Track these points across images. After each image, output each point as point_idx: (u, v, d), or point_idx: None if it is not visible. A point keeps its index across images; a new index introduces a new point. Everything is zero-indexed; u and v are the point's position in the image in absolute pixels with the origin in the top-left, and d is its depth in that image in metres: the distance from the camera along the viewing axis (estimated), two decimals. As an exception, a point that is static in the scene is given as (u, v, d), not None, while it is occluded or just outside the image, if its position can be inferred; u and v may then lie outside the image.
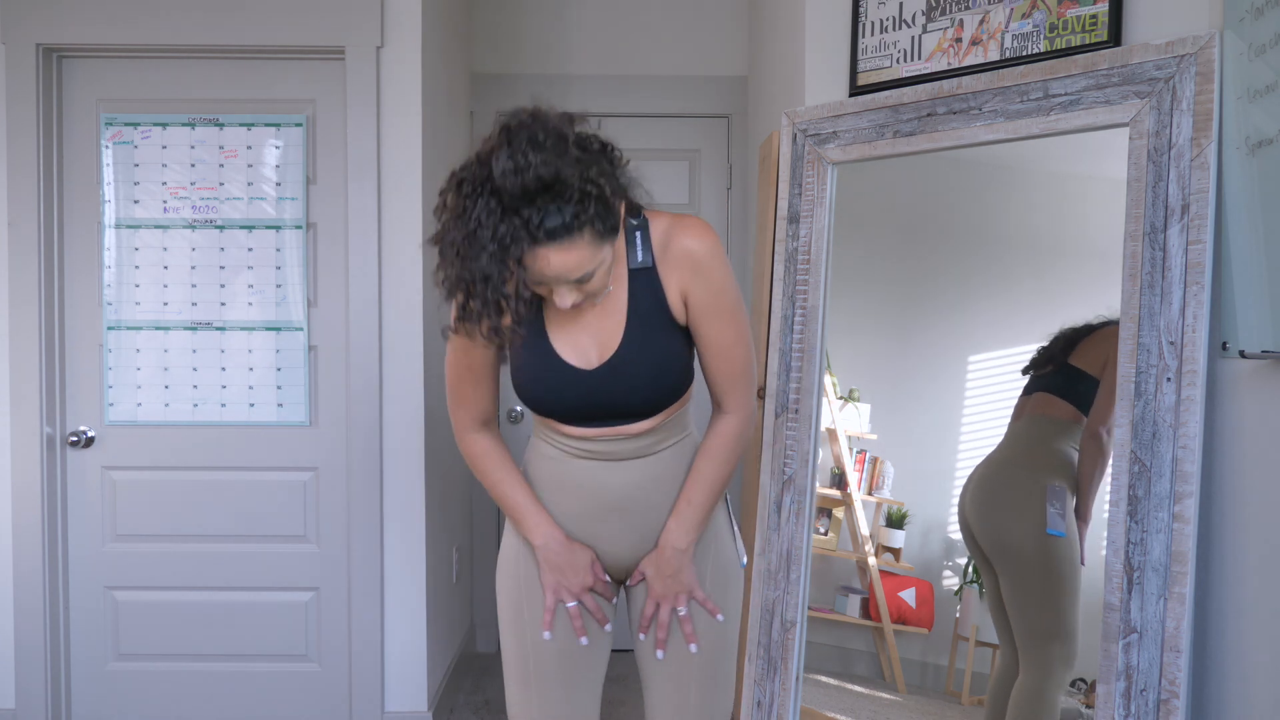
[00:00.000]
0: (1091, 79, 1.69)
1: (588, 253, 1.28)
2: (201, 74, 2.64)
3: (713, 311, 1.44)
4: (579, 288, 1.33)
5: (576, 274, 1.29)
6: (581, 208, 1.25)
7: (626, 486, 1.50)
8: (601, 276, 1.34)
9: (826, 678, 2.12)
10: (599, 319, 1.44)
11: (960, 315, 2.03)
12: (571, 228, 1.25)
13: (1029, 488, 1.82)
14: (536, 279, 1.30)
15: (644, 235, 1.43)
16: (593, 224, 1.27)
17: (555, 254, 1.26)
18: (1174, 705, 1.53)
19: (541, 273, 1.28)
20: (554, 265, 1.27)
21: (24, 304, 2.58)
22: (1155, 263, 1.59)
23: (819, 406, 2.09)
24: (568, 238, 1.25)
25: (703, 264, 1.41)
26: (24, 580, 2.61)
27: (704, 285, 1.42)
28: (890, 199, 2.13)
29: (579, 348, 1.44)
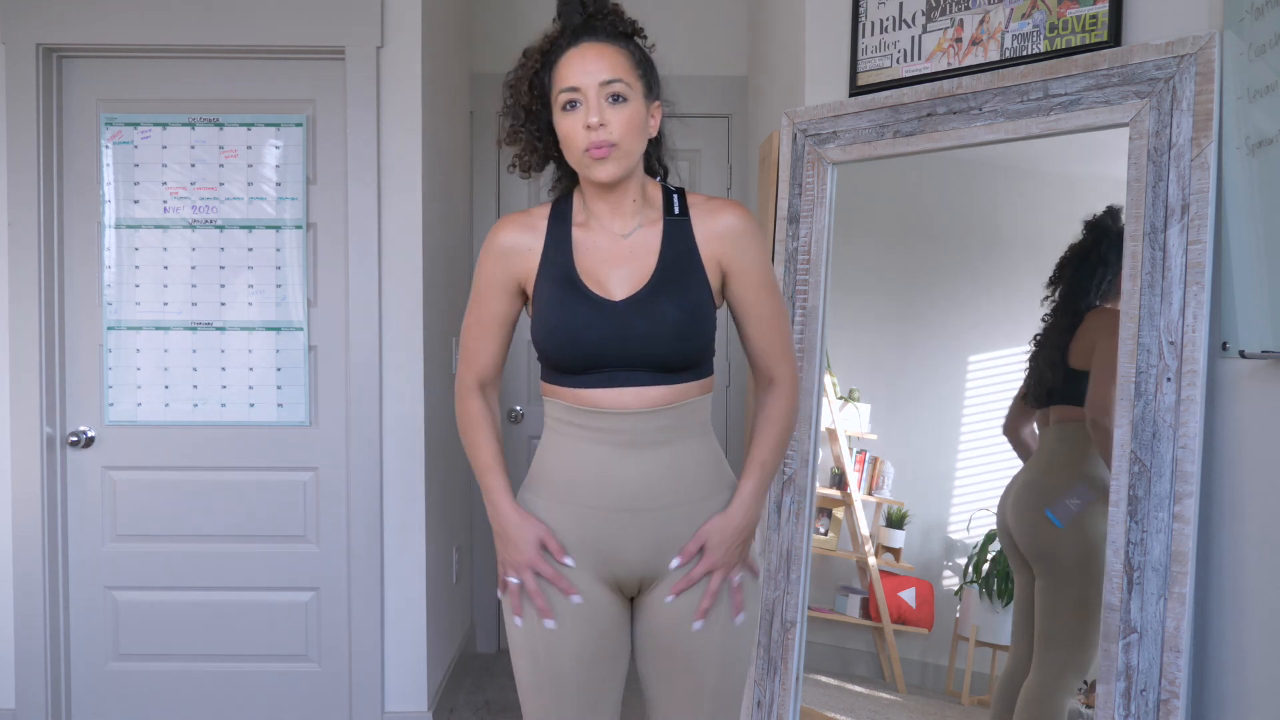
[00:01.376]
0: (1091, 79, 1.69)
1: (622, 63, 1.39)
2: (201, 74, 2.64)
3: (756, 282, 1.46)
4: (607, 109, 1.37)
5: (606, 74, 1.37)
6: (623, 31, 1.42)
7: (641, 481, 1.42)
8: (630, 115, 1.38)
9: (826, 678, 2.12)
10: (629, 258, 1.44)
11: (960, 315, 2.03)
12: (612, 35, 1.41)
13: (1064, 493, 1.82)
14: (569, 83, 1.38)
15: (680, 198, 1.49)
16: (630, 49, 1.41)
17: (591, 49, 1.39)
18: (1174, 705, 1.53)
19: (575, 68, 1.38)
20: (588, 58, 1.38)
21: (24, 304, 2.58)
22: (1155, 263, 1.59)
23: (819, 406, 2.09)
24: (607, 40, 1.40)
25: (743, 236, 1.45)
26: (24, 580, 2.61)
27: (745, 256, 1.45)
28: (890, 199, 2.13)
29: (607, 282, 1.44)
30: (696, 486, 1.46)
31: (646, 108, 1.43)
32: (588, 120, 1.37)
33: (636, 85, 1.40)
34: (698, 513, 1.46)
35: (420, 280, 2.64)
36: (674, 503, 1.44)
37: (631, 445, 1.42)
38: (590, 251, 1.46)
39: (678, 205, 1.48)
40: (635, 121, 1.39)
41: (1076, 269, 1.80)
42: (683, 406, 1.44)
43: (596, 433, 1.43)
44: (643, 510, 1.43)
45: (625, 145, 1.39)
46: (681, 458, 1.44)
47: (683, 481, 1.45)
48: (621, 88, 1.38)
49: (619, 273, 1.44)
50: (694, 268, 1.44)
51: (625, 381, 1.41)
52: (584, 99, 1.38)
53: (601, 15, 1.42)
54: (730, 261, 1.46)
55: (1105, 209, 1.74)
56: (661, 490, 1.44)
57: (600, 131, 1.37)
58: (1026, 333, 1.87)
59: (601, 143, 1.37)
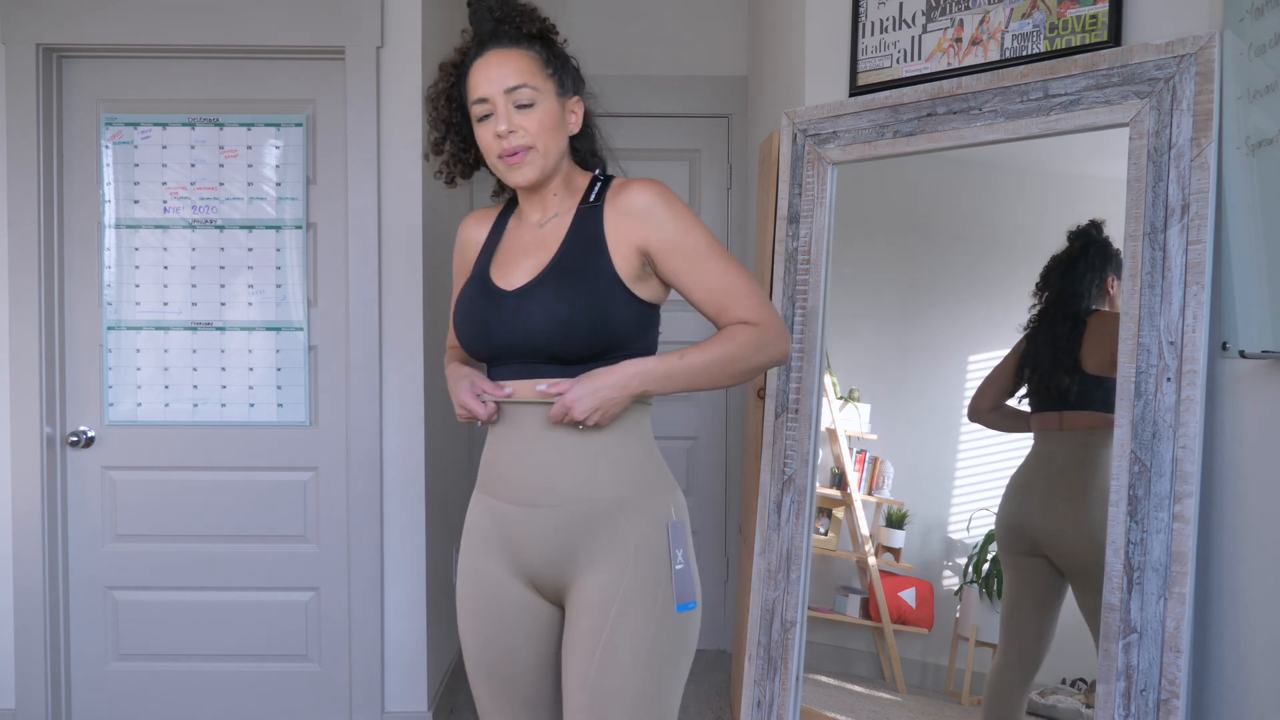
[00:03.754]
0: (1091, 79, 1.69)
1: (527, 66, 1.40)
2: (201, 74, 2.64)
3: (687, 252, 1.39)
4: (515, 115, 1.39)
5: (511, 81, 1.39)
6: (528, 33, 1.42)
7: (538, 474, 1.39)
8: (541, 117, 1.40)
9: (826, 678, 2.12)
10: (537, 248, 1.44)
11: (960, 315, 2.02)
12: (517, 38, 1.41)
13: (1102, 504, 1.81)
14: (477, 94, 1.41)
15: (604, 186, 1.46)
16: (537, 50, 1.42)
17: (494, 56, 1.40)
18: (1174, 705, 1.53)
19: (481, 79, 1.40)
20: (491, 66, 1.40)
21: (24, 304, 2.58)
22: (1155, 263, 1.59)
23: (819, 406, 2.09)
24: (511, 44, 1.41)
25: (653, 210, 1.39)
26: (24, 580, 2.61)
27: (662, 230, 1.39)
28: (890, 199, 2.13)
29: (513, 272, 1.45)
30: (602, 485, 1.38)
31: (561, 105, 1.44)
32: (497, 129, 1.40)
33: (546, 85, 1.41)
34: (603, 513, 1.38)
35: (420, 280, 2.64)
36: (572, 499, 1.38)
37: (533, 438, 1.40)
38: (511, 243, 1.49)
39: (595, 193, 1.45)
40: (547, 122, 1.41)
41: (1065, 275, 1.81)
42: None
43: (505, 424, 1.44)
44: (541, 506, 1.39)
45: (541, 147, 1.41)
46: (586, 454, 1.39)
47: (582, 477, 1.39)
48: (528, 93, 1.40)
49: (525, 264, 1.44)
50: (594, 256, 1.39)
51: (528, 373, 1.41)
52: (494, 108, 1.40)
53: (509, 20, 1.43)
54: (647, 240, 1.39)
55: (1089, 221, 1.78)
56: (560, 486, 1.39)
57: (510, 138, 1.40)
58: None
59: (514, 148, 1.40)
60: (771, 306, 1.42)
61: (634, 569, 1.37)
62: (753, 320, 1.40)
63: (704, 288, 1.40)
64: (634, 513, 1.39)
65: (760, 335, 1.39)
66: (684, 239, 1.39)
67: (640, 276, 1.41)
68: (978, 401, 1.94)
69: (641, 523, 1.39)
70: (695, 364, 1.38)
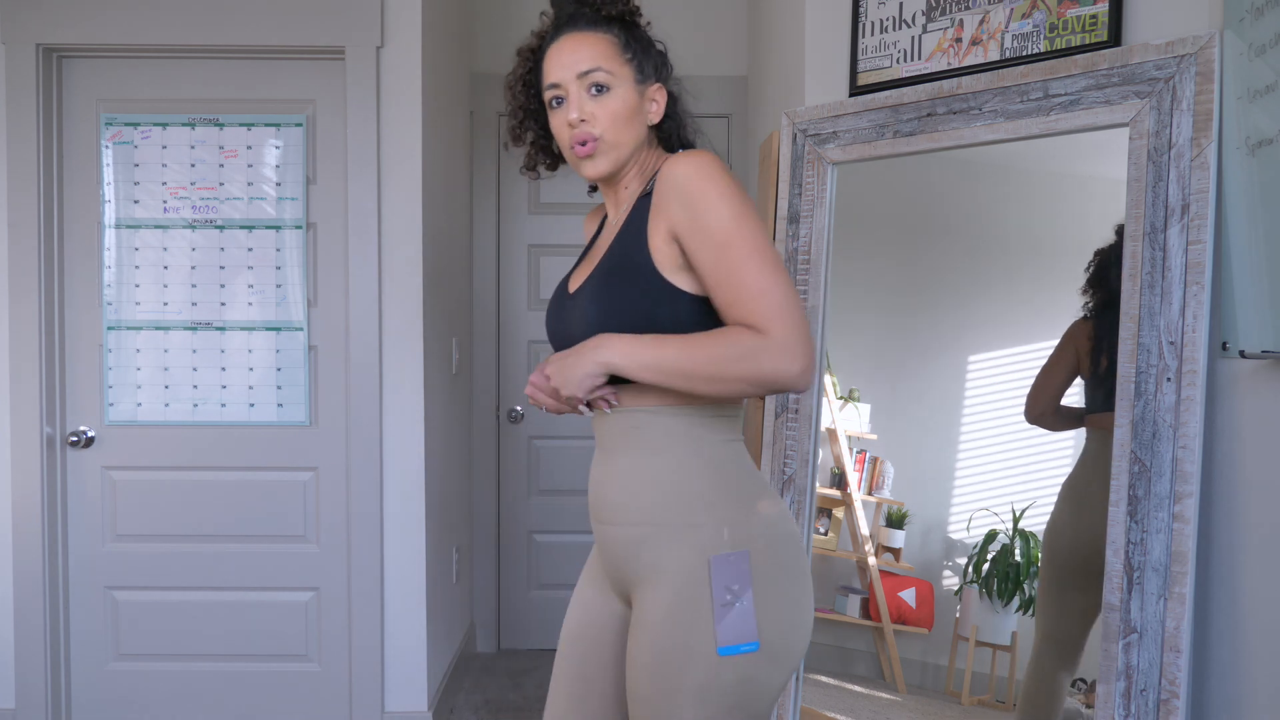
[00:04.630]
0: (1091, 79, 1.69)
1: (603, 50, 1.32)
2: (201, 74, 2.64)
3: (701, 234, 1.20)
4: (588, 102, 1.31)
5: (585, 64, 1.30)
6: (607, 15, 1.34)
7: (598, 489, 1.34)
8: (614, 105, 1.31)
9: (826, 678, 2.12)
10: (604, 247, 1.37)
11: (960, 315, 2.02)
12: (595, 21, 1.33)
13: None
14: (550, 79, 1.33)
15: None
16: (615, 34, 1.34)
17: (569, 40, 1.33)
18: (1174, 705, 1.53)
19: (554, 63, 1.32)
20: (564, 51, 1.32)
21: (24, 304, 2.58)
22: (1155, 263, 1.59)
23: (819, 406, 2.09)
24: (588, 28, 1.33)
25: (681, 187, 1.21)
26: (24, 580, 2.61)
27: (684, 208, 1.21)
28: (890, 199, 2.13)
29: (582, 274, 1.38)
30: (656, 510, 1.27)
31: (640, 93, 1.33)
32: (569, 116, 1.31)
33: (622, 71, 1.32)
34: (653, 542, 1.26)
35: (420, 280, 2.64)
36: (620, 520, 1.31)
37: (600, 449, 1.36)
38: (596, 243, 1.45)
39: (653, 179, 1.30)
40: (622, 111, 1.31)
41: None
42: (636, 413, 1.29)
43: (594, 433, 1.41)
44: (599, 523, 1.36)
45: (611, 137, 1.30)
46: (633, 471, 1.29)
47: (627, 497, 1.30)
48: (602, 76, 1.30)
49: (590, 266, 1.37)
50: (636, 251, 1.26)
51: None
52: (566, 94, 1.32)
53: (589, 2, 1.34)
54: (678, 224, 1.22)
55: None
56: (612, 504, 1.32)
57: (582, 126, 1.31)
58: (1027, 333, 1.87)
59: (584, 137, 1.31)
60: (789, 315, 1.17)
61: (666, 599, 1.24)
62: (758, 326, 1.17)
63: (716, 276, 1.20)
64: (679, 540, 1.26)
65: (757, 343, 1.16)
66: (708, 221, 1.19)
67: (681, 266, 1.25)
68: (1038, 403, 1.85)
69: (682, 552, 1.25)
70: (668, 352, 1.19)
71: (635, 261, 1.26)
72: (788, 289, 1.18)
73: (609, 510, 1.32)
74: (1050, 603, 1.85)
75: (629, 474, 1.30)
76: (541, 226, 3.55)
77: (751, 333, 1.17)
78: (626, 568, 1.31)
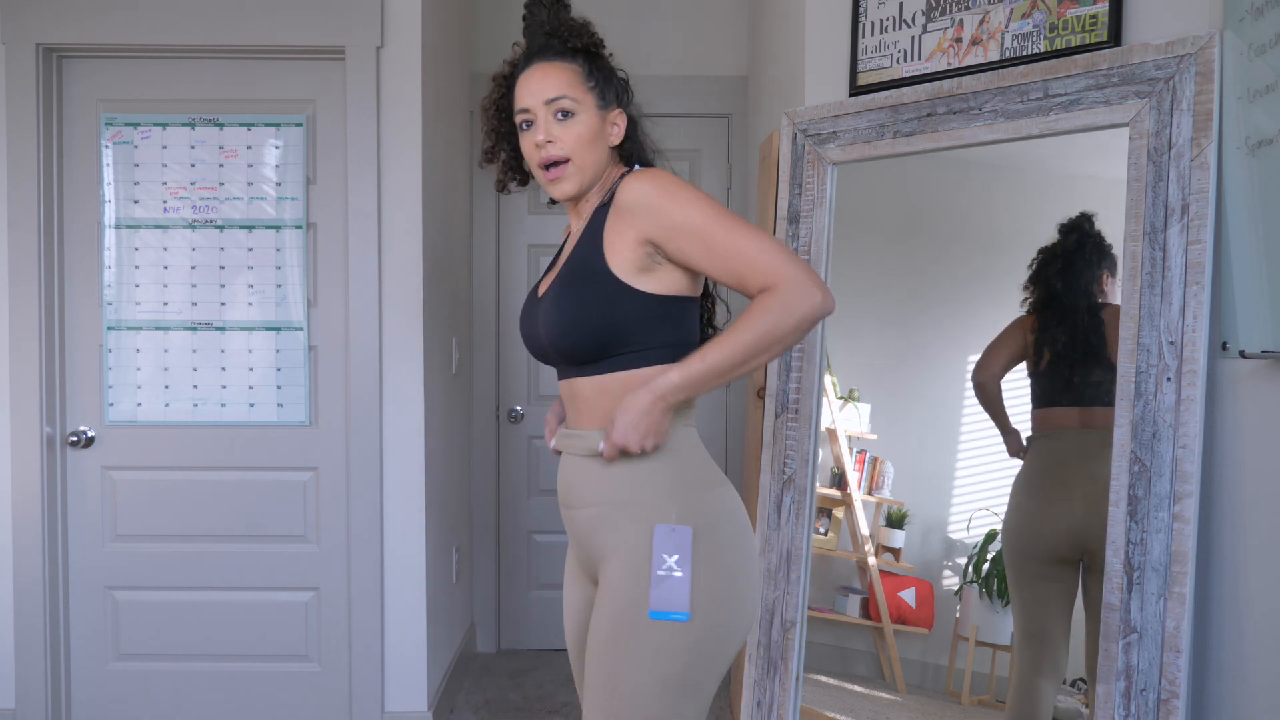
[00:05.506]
0: (1091, 79, 1.69)
1: (568, 79, 1.43)
2: (201, 74, 2.64)
3: (693, 231, 1.33)
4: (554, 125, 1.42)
5: (552, 92, 1.42)
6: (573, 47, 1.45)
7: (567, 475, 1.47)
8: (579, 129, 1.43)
9: (826, 678, 2.12)
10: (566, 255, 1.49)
11: (960, 315, 2.02)
12: (562, 52, 1.45)
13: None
14: (520, 104, 1.45)
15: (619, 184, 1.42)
16: (580, 64, 1.45)
17: (538, 69, 1.45)
18: (1174, 705, 1.53)
19: (524, 90, 1.45)
20: (534, 79, 1.44)
21: (24, 304, 2.58)
22: (1155, 263, 1.59)
23: (819, 406, 2.09)
24: (556, 58, 1.45)
25: (644, 200, 1.35)
26: (24, 580, 2.61)
27: (662, 218, 1.34)
28: (890, 199, 2.13)
29: (548, 280, 1.51)
30: (612, 489, 1.40)
31: (602, 117, 1.46)
32: (536, 139, 1.44)
33: (586, 98, 1.44)
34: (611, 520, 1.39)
35: (420, 280, 2.64)
36: (582, 503, 1.44)
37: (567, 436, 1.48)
38: (563, 251, 1.55)
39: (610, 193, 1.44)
40: (586, 134, 1.44)
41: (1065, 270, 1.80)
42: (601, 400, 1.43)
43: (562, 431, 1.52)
44: (566, 508, 1.48)
45: (578, 160, 1.44)
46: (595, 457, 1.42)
47: (588, 479, 1.43)
48: (568, 103, 1.43)
49: (555, 272, 1.50)
50: (593, 258, 1.39)
51: (565, 374, 1.47)
52: (535, 118, 1.44)
53: (558, 34, 1.47)
54: (646, 231, 1.36)
55: (1079, 214, 1.78)
56: (577, 487, 1.45)
57: (548, 148, 1.43)
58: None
59: (552, 159, 1.43)
60: (790, 259, 1.31)
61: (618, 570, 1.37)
62: (770, 283, 1.30)
63: (715, 262, 1.34)
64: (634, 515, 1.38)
65: (781, 298, 1.29)
66: (683, 220, 1.33)
67: (643, 269, 1.38)
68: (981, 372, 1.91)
69: (633, 526, 1.38)
70: (720, 361, 1.31)
71: (592, 267, 1.39)
72: (774, 242, 1.33)
73: (574, 494, 1.45)
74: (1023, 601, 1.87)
75: (591, 460, 1.42)
76: (541, 226, 3.55)
77: (769, 294, 1.30)
78: (591, 547, 1.44)
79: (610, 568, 1.39)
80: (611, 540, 1.39)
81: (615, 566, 1.38)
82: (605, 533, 1.40)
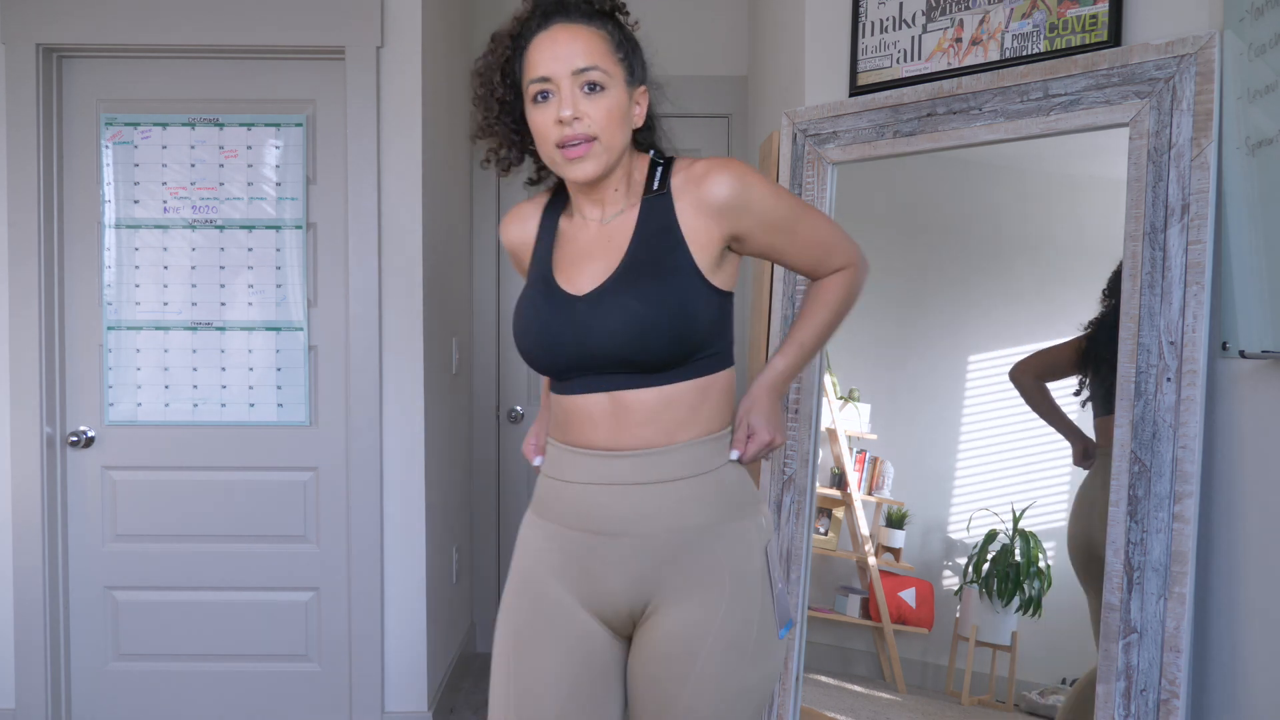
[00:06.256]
0: (1091, 79, 1.69)
1: (599, 47, 1.27)
2: (201, 74, 2.64)
3: (776, 223, 1.31)
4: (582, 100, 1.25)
5: (580, 61, 1.24)
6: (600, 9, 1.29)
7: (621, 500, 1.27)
8: (609, 105, 1.26)
9: (826, 678, 2.12)
10: (604, 249, 1.31)
11: (960, 315, 2.02)
12: (587, 14, 1.28)
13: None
14: (539, 72, 1.26)
15: (666, 170, 1.34)
16: (609, 30, 1.29)
17: (563, 31, 1.26)
18: (1174, 705, 1.53)
19: (545, 55, 1.25)
20: (560, 43, 1.25)
21: (24, 304, 2.58)
22: (1155, 263, 1.59)
23: (819, 406, 2.09)
24: (581, 20, 1.27)
25: (739, 198, 1.28)
26: (24, 580, 2.61)
27: (752, 214, 1.29)
28: (890, 199, 2.13)
29: (579, 275, 1.31)
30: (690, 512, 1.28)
31: (629, 95, 1.30)
32: (560, 114, 1.24)
33: (616, 71, 1.27)
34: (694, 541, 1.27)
35: (420, 280, 2.64)
36: (660, 529, 1.27)
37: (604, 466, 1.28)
38: (571, 244, 1.35)
39: (659, 180, 1.32)
40: (616, 112, 1.26)
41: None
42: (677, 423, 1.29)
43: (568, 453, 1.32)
44: (622, 535, 1.27)
45: (606, 139, 1.26)
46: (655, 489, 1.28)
47: (671, 501, 1.27)
48: (598, 75, 1.25)
49: (592, 266, 1.30)
50: (671, 250, 1.27)
51: (601, 386, 1.28)
52: (556, 89, 1.25)
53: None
54: (737, 227, 1.29)
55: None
56: (645, 512, 1.27)
57: (575, 125, 1.24)
58: (1026, 333, 1.87)
59: (577, 137, 1.25)
60: (849, 239, 1.40)
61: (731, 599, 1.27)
62: (844, 264, 1.38)
63: (799, 251, 1.36)
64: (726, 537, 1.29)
65: (854, 277, 1.39)
66: (775, 214, 1.31)
67: (718, 264, 1.30)
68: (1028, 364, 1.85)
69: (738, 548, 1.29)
70: (810, 344, 1.38)
71: (674, 261, 1.27)
72: (834, 223, 1.41)
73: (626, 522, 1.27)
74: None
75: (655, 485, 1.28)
76: (541, 226, 3.55)
77: (843, 274, 1.39)
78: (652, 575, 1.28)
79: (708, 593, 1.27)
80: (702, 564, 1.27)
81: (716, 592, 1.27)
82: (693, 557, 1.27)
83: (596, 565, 1.29)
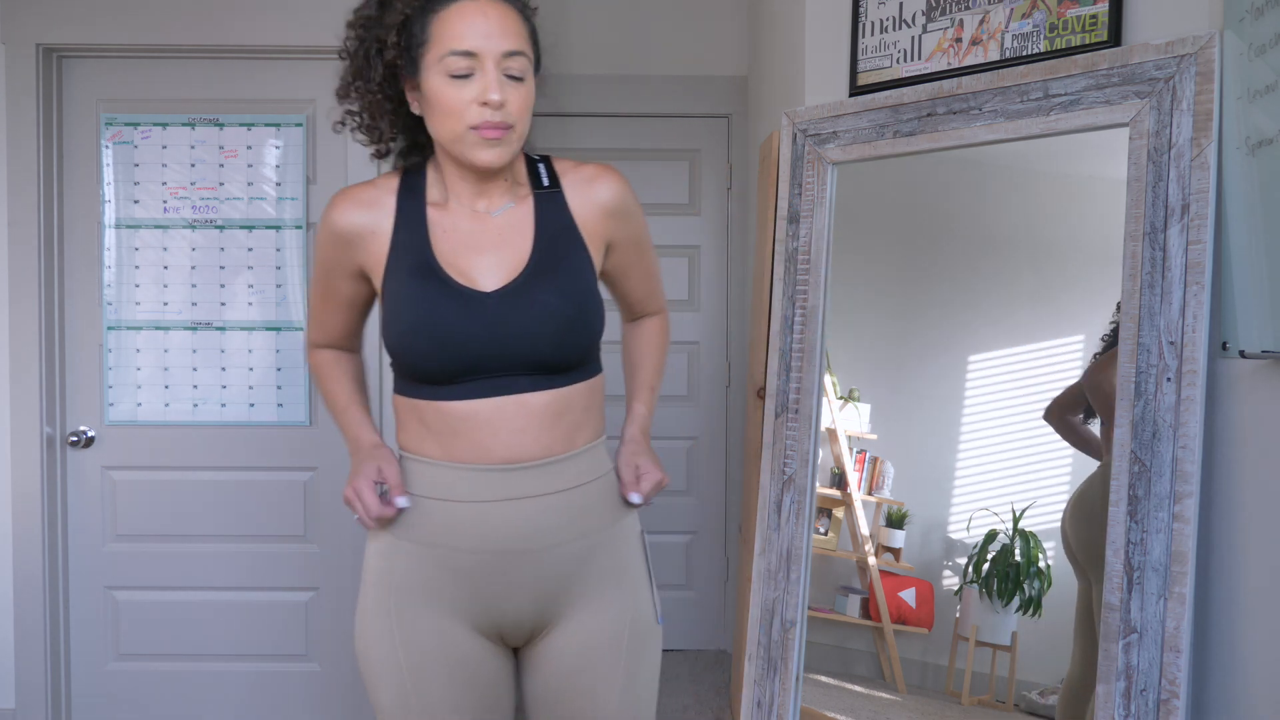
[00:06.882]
0: (1091, 79, 1.69)
1: (522, 32, 1.19)
2: (201, 74, 2.64)
3: (641, 244, 1.39)
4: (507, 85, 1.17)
5: (510, 43, 1.16)
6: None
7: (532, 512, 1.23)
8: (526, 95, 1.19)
9: (826, 678, 2.12)
10: (498, 242, 1.23)
11: (960, 315, 2.02)
12: None
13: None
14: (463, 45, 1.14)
15: (547, 167, 1.31)
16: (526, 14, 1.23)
17: (492, 8, 1.16)
18: (1174, 705, 1.53)
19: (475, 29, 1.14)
20: (491, 19, 1.15)
21: (24, 304, 2.58)
22: (1155, 263, 1.59)
23: (819, 406, 2.09)
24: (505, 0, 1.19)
25: (624, 206, 1.33)
26: (24, 580, 2.61)
27: (629, 226, 1.35)
28: (890, 199, 2.13)
29: (472, 271, 1.22)
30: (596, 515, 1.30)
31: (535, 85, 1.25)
32: (487, 96, 1.15)
33: (531, 59, 1.23)
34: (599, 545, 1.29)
35: (420, 280, 2.64)
36: (564, 539, 1.26)
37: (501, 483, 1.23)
38: (450, 235, 1.24)
39: (546, 176, 1.29)
40: (529, 103, 1.22)
41: None
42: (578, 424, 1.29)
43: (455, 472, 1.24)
44: (533, 551, 1.24)
45: (520, 129, 1.21)
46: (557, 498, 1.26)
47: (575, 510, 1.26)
48: (522, 63, 1.19)
49: (486, 260, 1.22)
50: (575, 248, 1.26)
51: (503, 389, 1.20)
52: (480, 68, 1.16)
53: None
54: (614, 233, 1.33)
55: None
56: (549, 524, 1.24)
57: (500, 111, 1.16)
58: (1027, 333, 1.87)
59: (499, 124, 1.17)
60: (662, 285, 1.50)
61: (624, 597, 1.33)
62: (661, 306, 1.49)
63: (640, 279, 1.42)
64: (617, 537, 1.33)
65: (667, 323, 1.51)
66: (641, 233, 1.38)
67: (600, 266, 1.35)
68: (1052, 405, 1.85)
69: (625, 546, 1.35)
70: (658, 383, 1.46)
71: (580, 259, 1.27)
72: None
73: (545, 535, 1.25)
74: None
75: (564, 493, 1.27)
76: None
77: (660, 319, 1.49)
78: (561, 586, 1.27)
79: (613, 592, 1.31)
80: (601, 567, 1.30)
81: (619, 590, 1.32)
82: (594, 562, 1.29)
83: (496, 586, 1.25)
